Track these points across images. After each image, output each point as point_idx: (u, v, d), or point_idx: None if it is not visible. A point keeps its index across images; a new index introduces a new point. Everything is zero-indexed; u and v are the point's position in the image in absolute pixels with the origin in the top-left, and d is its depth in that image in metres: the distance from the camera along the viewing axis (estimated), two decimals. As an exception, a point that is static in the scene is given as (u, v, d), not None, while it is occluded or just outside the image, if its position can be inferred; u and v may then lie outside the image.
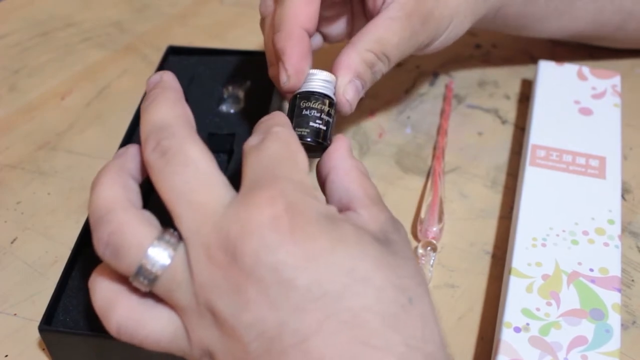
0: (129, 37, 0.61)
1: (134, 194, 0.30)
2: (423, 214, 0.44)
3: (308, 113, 0.37)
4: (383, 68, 0.40)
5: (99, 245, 0.28)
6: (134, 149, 0.31)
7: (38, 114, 0.53)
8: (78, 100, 0.55)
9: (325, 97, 0.37)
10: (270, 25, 0.42)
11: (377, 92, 0.53)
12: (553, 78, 0.51)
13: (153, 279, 0.27)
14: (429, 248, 0.42)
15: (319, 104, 0.37)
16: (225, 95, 0.50)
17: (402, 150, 0.50)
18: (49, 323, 0.36)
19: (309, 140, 0.36)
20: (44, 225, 0.45)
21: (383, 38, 0.39)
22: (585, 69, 0.51)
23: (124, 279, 0.29)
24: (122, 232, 0.27)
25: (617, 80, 0.51)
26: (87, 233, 0.39)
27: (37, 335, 0.38)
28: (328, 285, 0.26)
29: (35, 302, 0.40)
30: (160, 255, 0.27)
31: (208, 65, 0.52)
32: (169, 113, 0.30)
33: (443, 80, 0.56)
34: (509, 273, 0.39)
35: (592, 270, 0.39)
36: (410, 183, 0.48)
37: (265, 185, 0.28)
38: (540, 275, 0.38)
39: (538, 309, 0.37)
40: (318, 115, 0.37)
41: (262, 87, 0.50)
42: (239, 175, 0.43)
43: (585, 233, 0.41)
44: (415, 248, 0.43)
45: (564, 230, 0.41)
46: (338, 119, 0.52)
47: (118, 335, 0.29)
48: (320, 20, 0.41)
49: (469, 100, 0.54)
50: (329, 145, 0.34)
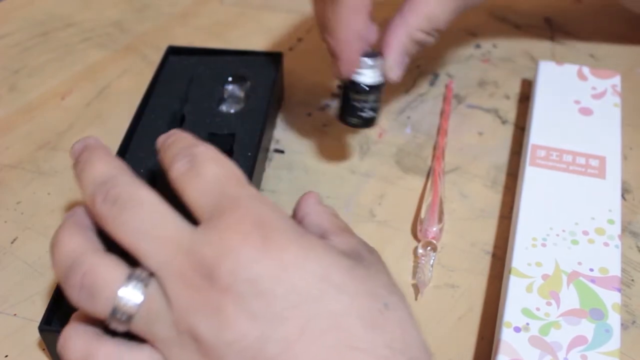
0: (129, 37, 0.61)
1: (97, 242, 0.30)
2: (423, 214, 0.44)
3: (357, 105, 0.41)
4: (433, 41, 0.41)
5: (73, 291, 0.28)
6: (81, 208, 0.32)
7: (38, 114, 0.53)
8: (78, 100, 0.55)
9: (373, 87, 0.40)
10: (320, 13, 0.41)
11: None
12: (553, 78, 0.51)
13: (129, 317, 0.28)
14: (429, 248, 0.42)
15: (367, 95, 0.40)
16: (225, 95, 0.50)
17: (402, 150, 0.50)
18: (49, 323, 0.36)
19: (360, 128, 0.42)
20: (44, 225, 0.45)
21: (434, 15, 0.39)
22: (585, 69, 0.51)
23: (98, 327, 0.29)
24: (94, 272, 0.28)
25: (617, 80, 0.51)
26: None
27: (37, 335, 0.38)
28: (305, 292, 0.27)
29: (35, 302, 0.40)
30: (133, 292, 0.28)
31: (208, 65, 0.52)
32: (107, 166, 0.31)
33: (443, 80, 0.56)
34: (509, 273, 0.39)
35: (592, 270, 0.39)
36: (410, 183, 0.48)
37: (228, 207, 0.28)
38: (540, 275, 0.38)
39: (538, 309, 0.37)
40: (367, 106, 0.41)
41: (262, 87, 0.50)
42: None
43: (585, 233, 0.41)
44: (415, 248, 0.43)
45: (564, 230, 0.41)
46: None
47: None
48: None
49: (469, 100, 0.54)
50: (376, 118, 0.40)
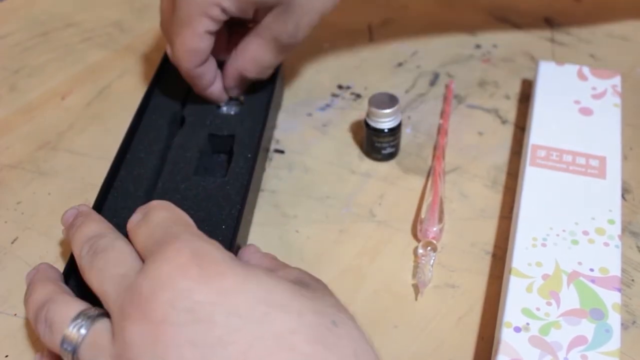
0: (129, 37, 0.61)
1: (64, 287, 0.35)
2: (423, 214, 0.44)
3: (380, 145, 0.48)
4: (265, 76, 0.49)
5: (39, 327, 0.32)
6: (45, 264, 0.37)
7: (38, 114, 0.53)
8: (78, 100, 0.55)
9: (392, 129, 0.47)
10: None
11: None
12: (553, 78, 0.51)
13: (74, 349, 0.30)
14: (429, 248, 0.42)
15: (387, 137, 0.47)
16: None
17: (402, 150, 0.50)
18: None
19: (383, 161, 0.49)
20: (45, 225, 0.45)
21: (259, 58, 0.46)
22: (586, 69, 0.51)
23: None
24: (54, 309, 0.32)
25: (617, 80, 0.51)
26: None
27: (37, 336, 0.38)
28: (246, 315, 0.27)
29: (36, 302, 0.40)
30: (80, 325, 0.31)
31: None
32: (99, 226, 0.35)
33: (443, 80, 0.56)
34: (509, 273, 0.39)
35: (592, 270, 0.39)
36: (411, 183, 0.48)
37: (168, 242, 0.30)
38: (541, 275, 0.38)
39: (538, 309, 0.37)
40: (388, 144, 0.48)
41: (262, 88, 0.50)
42: (239, 176, 0.44)
43: (586, 233, 0.41)
44: (415, 248, 0.43)
45: (564, 230, 0.41)
46: (338, 119, 0.53)
47: None
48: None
49: (469, 100, 0.54)
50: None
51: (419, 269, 0.41)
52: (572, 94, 0.50)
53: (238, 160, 0.45)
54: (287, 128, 0.52)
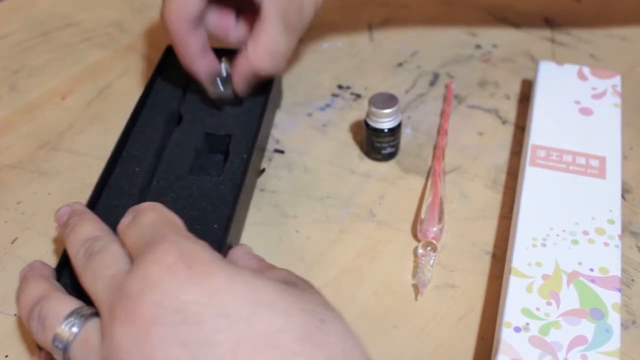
0: (129, 37, 0.61)
1: (57, 285, 0.35)
2: (423, 214, 0.44)
3: (379, 145, 0.48)
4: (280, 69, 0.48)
5: (32, 324, 0.32)
6: (39, 262, 0.37)
7: (38, 114, 0.53)
8: (78, 100, 0.55)
9: (392, 129, 0.47)
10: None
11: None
12: (553, 78, 0.51)
13: (65, 346, 0.31)
14: (429, 248, 0.42)
15: (387, 137, 0.47)
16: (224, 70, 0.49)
17: (402, 150, 0.50)
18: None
19: (383, 161, 0.49)
20: (45, 225, 0.45)
21: (275, 48, 0.45)
22: (586, 69, 0.51)
23: None
24: (47, 306, 0.32)
25: (617, 80, 0.51)
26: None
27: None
28: (235, 314, 0.27)
29: (36, 302, 0.41)
30: (72, 324, 0.31)
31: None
32: (93, 227, 0.35)
33: (443, 80, 0.56)
34: (509, 273, 0.39)
35: (592, 270, 0.39)
36: (411, 183, 0.48)
37: (156, 243, 0.30)
38: (540, 275, 0.38)
39: (538, 309, 0.37)
40: (387, 144, 0.48)
41: (260, 88, 0.50)
42: (235, 176, 0.44)
43: (586, 233, 0.41)
44: (415, 248, 0.43)
45: (564, 230, 0.41)
46: (338, 119, 0.53)
47: None
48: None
49: (469, 101, 0.54)
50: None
51: (419, 269, 0.41)
52: (572, 94, 0.50)
53: (234, 160, 0.45)
54: (287, 128, 0.52)
